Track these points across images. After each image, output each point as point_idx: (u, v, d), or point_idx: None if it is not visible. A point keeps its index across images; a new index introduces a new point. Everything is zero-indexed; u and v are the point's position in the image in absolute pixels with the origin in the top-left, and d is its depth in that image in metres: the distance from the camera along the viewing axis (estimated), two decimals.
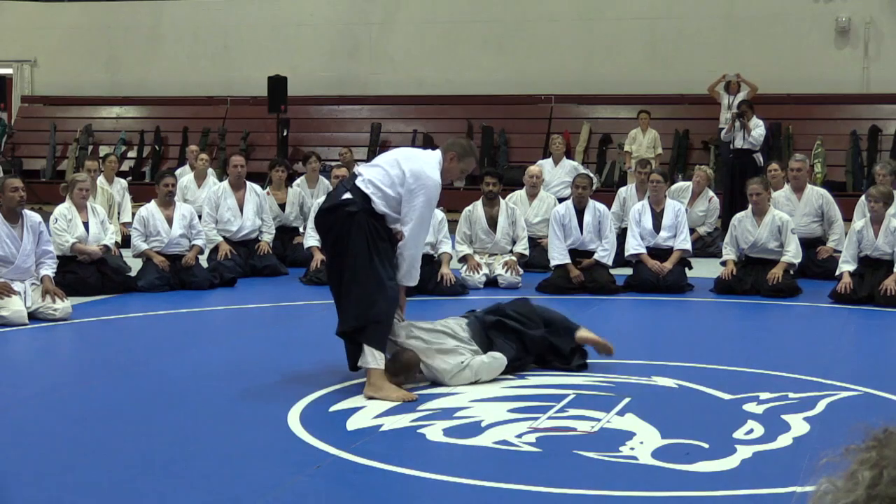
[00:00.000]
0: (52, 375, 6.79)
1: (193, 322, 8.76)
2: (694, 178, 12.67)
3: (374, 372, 5.87)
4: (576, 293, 9.66)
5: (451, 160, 6.20)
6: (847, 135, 16.33)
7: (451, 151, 6.22)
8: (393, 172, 6.04)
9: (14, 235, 8.40)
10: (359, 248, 5.93)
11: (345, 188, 6.11)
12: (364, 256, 5.91)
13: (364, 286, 5.91)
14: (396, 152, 6.39)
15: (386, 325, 6.02)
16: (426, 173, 6.04)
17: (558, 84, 18.04)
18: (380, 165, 6.15)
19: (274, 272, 10.93)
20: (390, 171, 6.04)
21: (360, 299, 5.93)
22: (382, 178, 6.02)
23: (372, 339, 5.91)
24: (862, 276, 9.29)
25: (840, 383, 6.19)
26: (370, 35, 19.15)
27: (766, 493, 4.35)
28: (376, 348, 5.90)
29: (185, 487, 4.45)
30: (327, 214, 6.13)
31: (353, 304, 5.94)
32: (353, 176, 6.22)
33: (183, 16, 20.04)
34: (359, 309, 5.93)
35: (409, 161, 6.10)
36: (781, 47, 17.19)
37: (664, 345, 7.72)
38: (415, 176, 6.01)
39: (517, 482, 4.47)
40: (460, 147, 6.29)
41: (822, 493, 1.51)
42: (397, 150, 6.51)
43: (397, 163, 6.08)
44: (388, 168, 6.07)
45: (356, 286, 5.93)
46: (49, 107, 20.46)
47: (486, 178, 10.62)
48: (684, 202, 12.02)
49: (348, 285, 5.96)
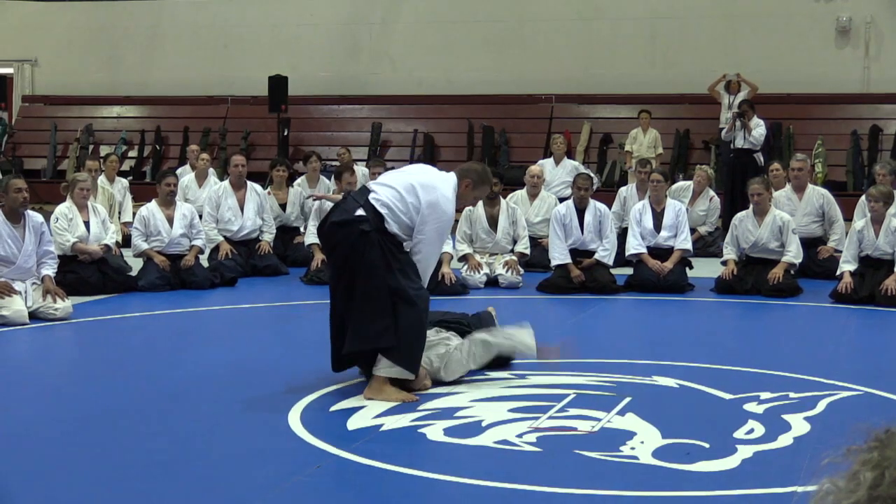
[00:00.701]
0: (53, 375, 6.79)
1: (194, 322, 8.76)
2: (695, 178, 12.67)
3: (380, 378, 5.84)
4: (576, 293, 9.67)
5: (467, 187, 6.12)
6: (848, 134, 16.32)
7: (468, 179, 6.11)
8: (409, 199, 5.89)
9: (16, 236, 8.40)
10: (375, 264, 5.78)
11: (356, 202, 5.93)
12: (381, 271, 5.77)
13: (382, 301, 5.77)
14: (413, 174, 6.16)
15: (418, 343, 5.90)
16: (441, 207, 5.92)
17: (559, 84, 18.04)
18: (395, 188, 5.94)
19: (275, 272, 10.93)
20: (406, 197, 5.89)
21: (378, 315, 5.78)
22: (398, 203, 5.88)
23: (402, 359, 5.81)
24: (862, 276, 9.29)
25: (841, 383, 6.19)
26: (371, 35, 19.15)
27: (766, 492, 4.35)
28: (406, 367, 5.83)
29: (186, 487, 4.45)
30: (338, 228, 5.92)
31: (367, 321, 5.79)
32: (366, 191, 6.03)
33: (183, 15, 20.04)
34: (378, 325, 5.78)
35: (426, 191, 5.92)
36: (782, 47, 17.18)
37: (665, 344, 7.71)
38: (431, 207, 5.89)
39: (518, 482, 4.47)
40: (476, 175, 6.18)
41: (823, 493, 1.50)
42: (413, 172, 6.26)
43: (414, 189, 5.91)
44: (404, 193, 5.90)
45: (372, 302, 5.78)
46: (50, 106, 20.46)
47: None
48: (685, 202, 12.02)
49: (362, 302, 5.79)
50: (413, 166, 6.72)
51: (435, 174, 6.25)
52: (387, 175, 6.32)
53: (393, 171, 6.56)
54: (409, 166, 6.77)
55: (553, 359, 6.52)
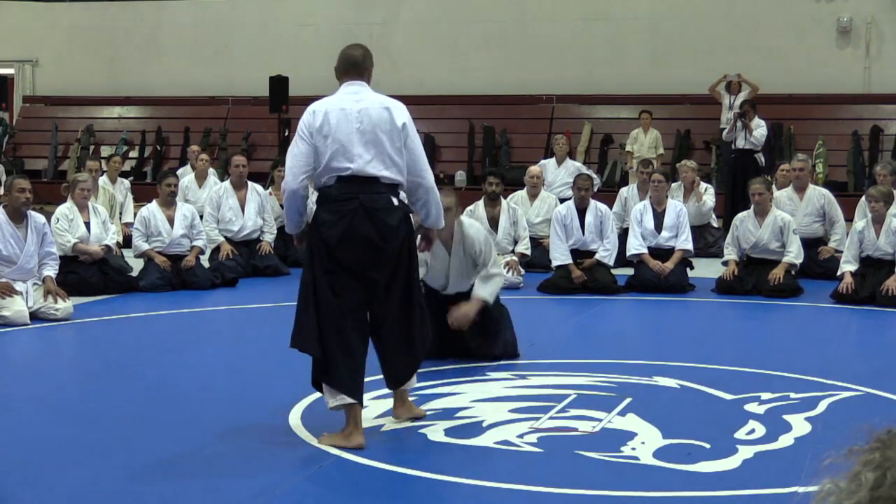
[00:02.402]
0: (54, 375, 6.79)
1: (195, 322, 8.76)
2: (680, 175, 12.55)
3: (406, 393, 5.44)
4: (577, 293, 9.67)
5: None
6: (848, 135, 16.31)
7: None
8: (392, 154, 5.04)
9: (18, 236, 8.40)
10: (415, 263, 5.18)
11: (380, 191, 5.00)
12: (416, 271, 5.24)
13: (424, 306, 5.28)
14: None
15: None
16: (400, 106, 5.17)
17: (560, 84, 18.03)
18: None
19: (275, 272, 10.93)
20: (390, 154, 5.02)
21: (425, 321, 5.25)
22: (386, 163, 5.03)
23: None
24: (863, 277, 9.29)
25: (841, 383, 6.19)
26: (371, 35, 19.12)
27: (767, 493, 4.35)
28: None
29: (186, 487, 4.45)
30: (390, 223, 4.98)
31: (426, 328, 5.23)
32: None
33: (184, 16, 20.04)
34: (426, 331, 5.27)
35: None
36: (783, 47, 17.17)
37: (666, 345, 7.72)
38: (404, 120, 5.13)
39: (518, 482, 4.47)
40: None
41: (825, 494, 1.50)
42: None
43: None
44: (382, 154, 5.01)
45: (423, 308, 5.23)
46: (51, 107, 20.47)
47: (488, 178, 10.63)
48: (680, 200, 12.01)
49: (421, 307, 5.19)
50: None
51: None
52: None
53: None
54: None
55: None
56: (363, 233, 4.90)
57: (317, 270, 4.95)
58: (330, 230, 4.91)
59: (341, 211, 4.91)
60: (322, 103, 5.09)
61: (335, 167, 4.96)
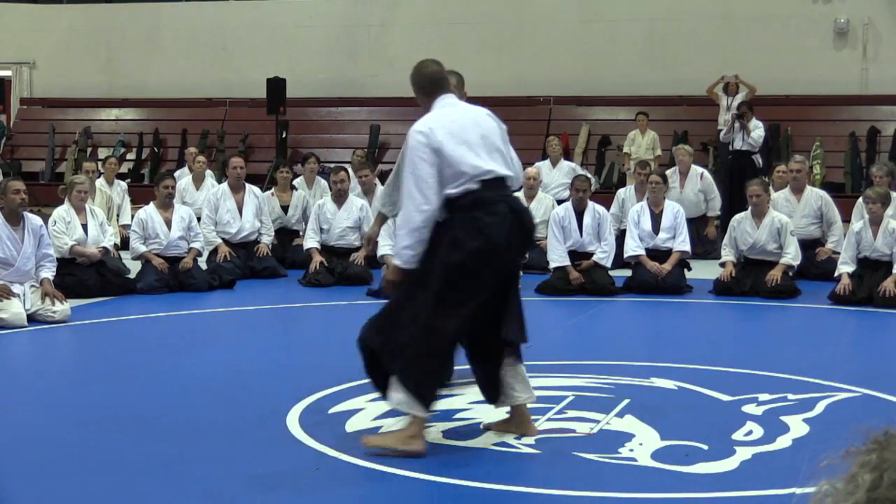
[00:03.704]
0: (51, 378, 6.79)
1: (192, 324, 8.76)
2: (677, 159, 12.51)
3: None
4: (575, 295, 9.67)
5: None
6: (846, 136, 16.33)
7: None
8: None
9: (15, 238, 8.40)
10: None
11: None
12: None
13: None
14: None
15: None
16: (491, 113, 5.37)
17: (557, 85, 18.03)
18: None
19: (273, 274, 10.93)
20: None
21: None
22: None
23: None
24: (861, 278, 9.30)
25: (839, 385, 6.19)
26: (369, 36, 19.15)
27: (765, 494, 4.35)
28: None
29: (185, 489, 4.45)
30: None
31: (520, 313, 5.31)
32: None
33: (181, 18, 20.04)
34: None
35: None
36: (780, 48, 17.18)
37: (663, 346, 7.72)
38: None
39: (516, 484, 4.47)
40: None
41: (822, 495, 1.51)
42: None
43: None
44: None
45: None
46: (48, 109, 20.45)
47: None
48: (675, 187, 12.01)
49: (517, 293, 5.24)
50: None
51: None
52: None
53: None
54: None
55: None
56: (518, 233, 4.94)
57: (463, 283, 4.80)
58: (497, 231, 4.82)
59: (498, 212, 4.87)
60: (428, 122, 5.02)
61: (473, 173, 4.90)
